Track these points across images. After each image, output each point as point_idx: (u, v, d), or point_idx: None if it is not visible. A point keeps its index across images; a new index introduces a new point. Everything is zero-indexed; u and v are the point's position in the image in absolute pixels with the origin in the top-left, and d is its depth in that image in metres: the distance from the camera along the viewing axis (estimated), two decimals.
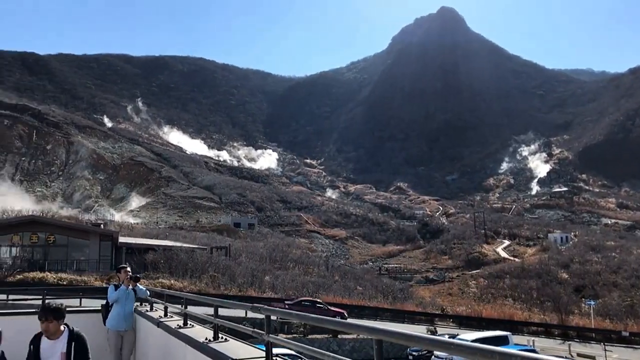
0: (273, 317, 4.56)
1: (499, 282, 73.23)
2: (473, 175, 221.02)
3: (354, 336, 31.82)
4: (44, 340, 5.05)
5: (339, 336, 31.76)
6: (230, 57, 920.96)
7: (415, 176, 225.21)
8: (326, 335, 31.50)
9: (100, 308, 8.32)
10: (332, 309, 35.74)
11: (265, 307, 4.22)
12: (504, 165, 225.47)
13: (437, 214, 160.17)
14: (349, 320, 3.45)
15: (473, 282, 77.47)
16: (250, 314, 28.21)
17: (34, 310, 11.58)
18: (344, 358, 3.23)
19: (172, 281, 39.73)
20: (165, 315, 7.53)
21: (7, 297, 27.42)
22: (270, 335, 4.03)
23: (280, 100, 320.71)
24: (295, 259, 71.55)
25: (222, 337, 5.16)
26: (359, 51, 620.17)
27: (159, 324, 6.92)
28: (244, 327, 4.90)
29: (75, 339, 5.19)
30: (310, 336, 30.68)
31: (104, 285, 35.63)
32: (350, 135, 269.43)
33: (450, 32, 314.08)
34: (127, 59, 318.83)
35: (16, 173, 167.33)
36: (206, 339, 5.11)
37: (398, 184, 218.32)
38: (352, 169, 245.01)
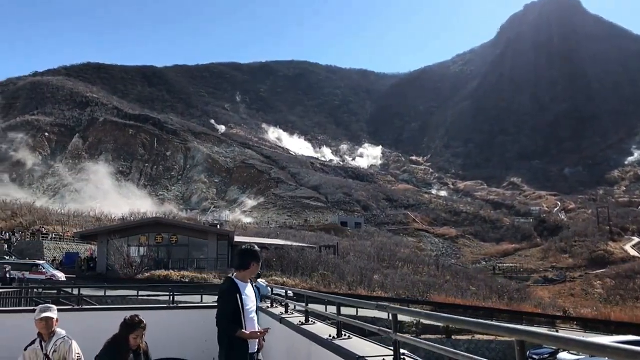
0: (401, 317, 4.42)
1: (629, 282, 67.39)
2: (594, 168, 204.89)
3: (469, 337, 30.73)
4: (241, 285, 5.10)
5: (453, 337, 30.84)
6: (334, 59, 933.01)
7: (530, 171, 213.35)
8: (439, 336, 30.71)
9: None
10: None
11: (392, 305, 4.10)
12: (636, 155, 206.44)
13: (556, 210, 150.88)
14: (487, 321, 3.24)
15: (598, 282, 72.07)
16: (362, 312, 28.21)
17: (163, 305, 12.38)
18: (479, 358, 3.03)
19: (284, 279, 40.81)
20: (286, 312, 7.67)
21: (138, 293, 29.66)
22: (399, 334, 3.91)
23: (384, 98, 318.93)
24: (403, 258, 70.75)
25: (345, 335, 5.13)
26: (465, 43, 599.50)
27: (281, 320, 7.06)
28: (368, 325, 4.83)
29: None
30: (422, 336, 30.09)
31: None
32: (458, 130, 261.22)
33: (565, 16, 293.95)
34: (236, 67, 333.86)
35: (141, 178, 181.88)
36: (330, 336, 5.10)
37: (511, 180, 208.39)
38: (461, 165, 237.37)
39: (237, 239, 49.93)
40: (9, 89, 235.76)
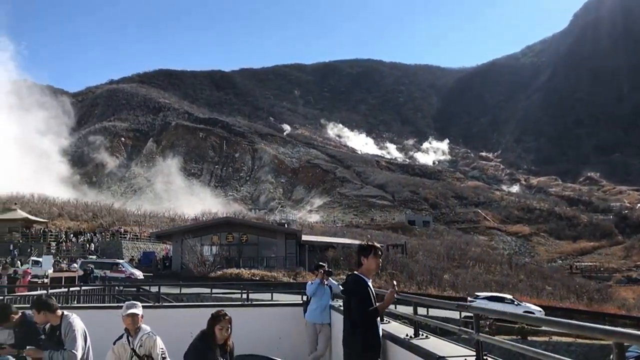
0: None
1: None
2: None
3: (546, 339, 29.52)
4: (366, 278, 5.23)
5: (528, 338, 29.74)
6: (398, 55, 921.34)
7: (609, 164, 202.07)
8: (513, 337, 29.71)
9: (301, 302, 8.91)
10: None
11: (474, 305, 3.97)
12: None
13: (639, 205, 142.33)
14: (581, 322, 3.08)
15: None
16: (431, 312, 27.76)
17: (237, 303, 12.67)
18: (565, 358, 2.89)
19: None
20: None
21: (211, 291, 30.52)
22: (481, 334, 3.78)
23: (451, 93, 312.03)
24: (474, 257, 68.99)
25: (422, 334, 5.03)
26: (534, 34, 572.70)
27: None
28: (448, 325, 4.70)
29: None
30: (496, 336, 29.17)
31: (291, 280, 38.04)
32: (530, 124, 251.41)
33: None
34: (300, 68, 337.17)
35: (211, 179, 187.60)
36: (407, 335, 5.02)
37: (588, 174, 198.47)
38: (533, 159, 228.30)
39: (305, 237, 50.45)
40: (87, 97, 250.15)
